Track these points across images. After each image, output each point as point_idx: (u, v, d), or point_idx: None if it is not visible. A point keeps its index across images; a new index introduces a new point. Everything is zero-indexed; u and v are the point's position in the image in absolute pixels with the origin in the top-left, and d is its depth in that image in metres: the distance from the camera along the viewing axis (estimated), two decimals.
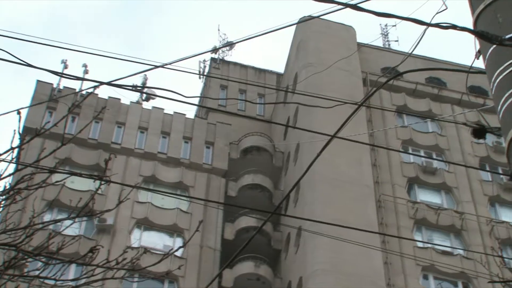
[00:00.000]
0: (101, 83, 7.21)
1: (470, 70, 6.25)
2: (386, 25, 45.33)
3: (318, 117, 31.48)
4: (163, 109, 40.64)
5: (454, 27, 5.23)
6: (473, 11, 5.93)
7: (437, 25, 5.35)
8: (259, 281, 34.51)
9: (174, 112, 40.75)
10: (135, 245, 32.79)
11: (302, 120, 36.24)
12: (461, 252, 32.56)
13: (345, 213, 30.47)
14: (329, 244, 27.97)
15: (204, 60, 47.06)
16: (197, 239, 33.80)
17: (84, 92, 33.80)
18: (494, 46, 5.30)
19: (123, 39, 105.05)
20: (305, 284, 30.63)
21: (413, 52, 7.90)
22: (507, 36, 5.29)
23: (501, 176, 35.98)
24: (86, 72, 39.52)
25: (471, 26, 5.64)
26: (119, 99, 40.28)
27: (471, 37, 5.66)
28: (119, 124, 39.16)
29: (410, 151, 36.58)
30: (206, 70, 46.56)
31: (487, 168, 36.36)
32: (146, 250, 10.28)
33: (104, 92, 58.56)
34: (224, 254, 34.44)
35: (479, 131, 5.64)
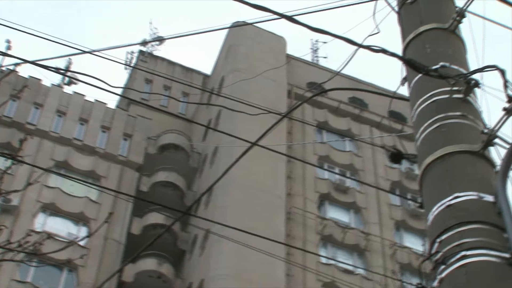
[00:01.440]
0: (25, 61, 7.04)
1: (394, 96, 6.36)
2: (316, 41, 45.79)
3: (240, 123, 31.53)
4: (84, 95, 40.05)
5: (384, 51, 5.31)
6: (404, 38, 6.04)
7: (368, 47, 5.42)
8: (160, 279, 34.30)
9: (95, 100, 40.20)
10: (38, 229, 32.17)
11: (224, 124, 36.25)
12: (362, 272, 33.07)
13: (254, 221, 30.57)
14: (234, 250, 28.02)
15: (132, 52, 46.61)
16: (103, 230, 33.35)
17: (4, 69, 32.99)
18: (420, 75, 5.39)
19: (53, 29, 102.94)
20: (205, 287, 30.60)
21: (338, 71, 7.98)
22: (433, 67, 5.40)
23: (409, 202, 36.72)
24: (9, 48, 38.60)
25: (400, 53, 5.73)
26: (40, 79, 39.50)
27: (399, 63, 5.76)
28: (37, 105, 38.41)
29: (326, 168, 37.00)
30: (133, 62, 46.10)
31: (397, 193, 37.07)
32: (49, 236, 10.08)
33: (25, 71, 57.36)
34: (128, 248, 34.10)
35: (396, 156, 5.73)
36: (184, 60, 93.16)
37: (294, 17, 5.63)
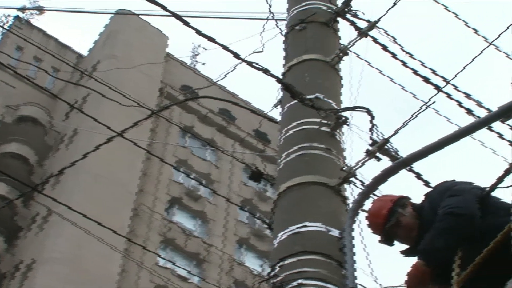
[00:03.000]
0: None
1: (265, 116, 6.43)
2: (198, 46, 45.74)
3: (105, 111, 31.00)
4: None
5: (265, 71, 5.35)
6: (286, 62, 6.11)
7: (250, 64, 5.44)
8: None
9: None
10: None
11: (89, 108, 35.54)
12: (196, 281, 33.15)
13: (99, 210, 30.05)
14: (74, 236, 27.47)
15: (8, 15, 45.03)
16: None
17: None
18: (295, 101, 5.46)
19: None
20: (35, 268, 29.80)
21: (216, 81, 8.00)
22: (309, 97, 5.48)
23: (256, 221, 37.18)
24: None
25: (280, 76, 5.79)
26: None
27: (276, 85, 5.82)
28: None
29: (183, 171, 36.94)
30: (7, 26, 44.51)
31: (247, 210, 37.48)
32: None
33: None
34: None
35: (256, 175, 5.78)
36: (61, 35, 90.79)
37: (184, 18, 5.59)
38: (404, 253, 4.80)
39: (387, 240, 4.84)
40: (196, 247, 34.40)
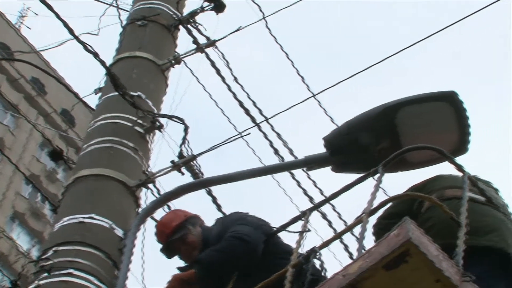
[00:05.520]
0: None
1: (81, 99, 6.32)
2: (28, 8, 43.91)
3: None
4: None
5: (96, 55, 5.21)
6: (118, 53, 6.02)
7: (83, 43, 5.22)
8: None
9: None
10: None
11: None
12: None
13: None
14: None
15: None
16: None
17: None
18: (116, 93, 5.37)
19: None
20: None
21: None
22: (131, 93, 5.42)
23: (37, 200, 36.07)
24: None
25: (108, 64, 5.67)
26: None
27: (102, 72, 5.70)
28: None
29: None
30: None
31: (32, 185, 36.24)
32: None
33: None
34: None
35: (57, 154, 5.65)
36: None
37: None
38: (182, 269, 4.86)
39: (168, 252, 4.90)
40: None
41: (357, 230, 3.87)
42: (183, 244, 4.83)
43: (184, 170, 5.27)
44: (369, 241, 4.11)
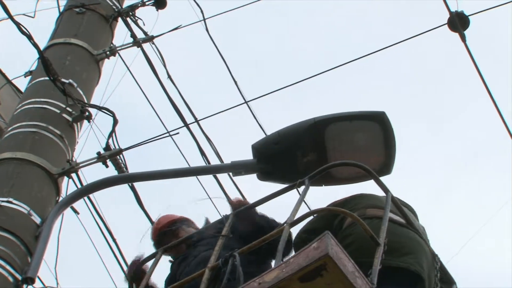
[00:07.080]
0: None
1: (10, 80, 6.19)
2: None
3: None
4: None
5: (30, 37, 5.10)
6: (52, 38, 5.90)
7: (17, 24, 5.09)
8: None
9: None
10: None
11: None
12: None
13: None
14: None
15: None
16: None
17: None
18: (47, 78, 5.25)
19: None
20: None
21: None
22: (63, 80, 5.31)
23: None
24: None
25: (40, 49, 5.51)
26: None
27: (32, 57, 5.59)
28: None
29: None
30: None
31: None
32: None
33: None
34: None
35: None
36: None
37: None
38: (172, 263, 4.85)
39: (159, 246, 4.83)
40: None
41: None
42: (174, 237, 4.82)
43: (109, 163, 5.21)
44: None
